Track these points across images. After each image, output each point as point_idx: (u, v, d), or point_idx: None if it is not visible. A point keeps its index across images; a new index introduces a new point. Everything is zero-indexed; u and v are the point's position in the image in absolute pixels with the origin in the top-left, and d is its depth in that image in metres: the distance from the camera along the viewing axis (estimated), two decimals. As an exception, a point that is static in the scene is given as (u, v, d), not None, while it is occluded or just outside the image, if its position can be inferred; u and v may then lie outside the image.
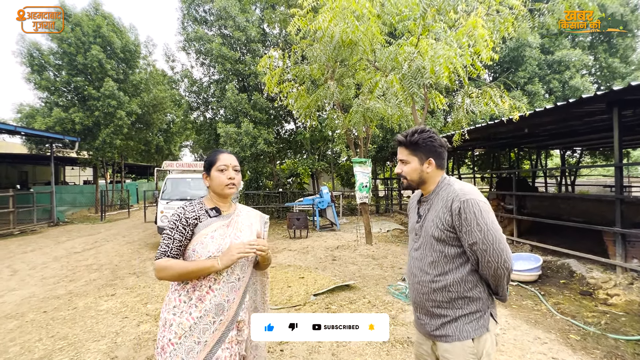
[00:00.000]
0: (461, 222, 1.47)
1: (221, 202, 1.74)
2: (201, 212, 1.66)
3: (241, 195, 15.62)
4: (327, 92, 6.23)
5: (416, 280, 1.65)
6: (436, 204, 1.60)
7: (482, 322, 1.52)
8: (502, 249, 1.43)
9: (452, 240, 1.53)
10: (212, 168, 1.69)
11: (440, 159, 1.66)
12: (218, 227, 1.65)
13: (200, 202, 1.71)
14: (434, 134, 1.64)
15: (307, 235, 10.32)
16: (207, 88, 15.09)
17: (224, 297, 1.60)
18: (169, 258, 1.56)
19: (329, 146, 15.94)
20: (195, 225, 1.62)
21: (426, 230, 1.61)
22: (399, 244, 8.80)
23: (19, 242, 10.31)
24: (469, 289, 1.52)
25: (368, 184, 8.56)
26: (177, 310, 1.55)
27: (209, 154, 1.76)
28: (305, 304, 4.62)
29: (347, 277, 5.89)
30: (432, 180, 1.67)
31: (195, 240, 1.60)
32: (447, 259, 1.54)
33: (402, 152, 1.69)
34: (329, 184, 17.20)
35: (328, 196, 11.53)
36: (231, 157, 1.74)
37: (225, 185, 1.68)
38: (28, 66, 14.59)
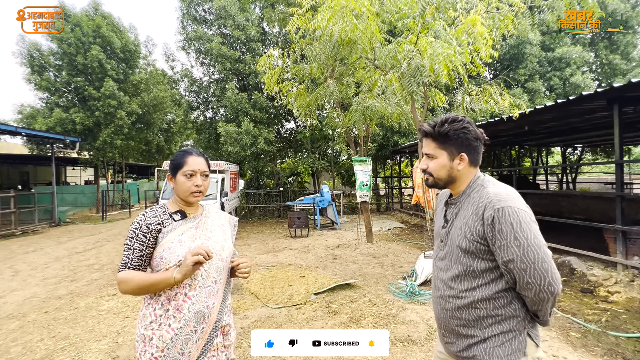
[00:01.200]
0: (494, 235, 1.24)
1: (185, 205, 1.62)
2: (164, 217, 1.54)
3: (242, 194, 15.64)
4: (327, 90, 6.23)
5: (439, 294, 1.46)
6: (466, 208, 1.37)
7: (516, 344, 1.28)
8: (547, 269, 1.19)
9: (482, 253, 1.30)
10: (179, 172, 1.55)
11: (475, 154, 1.41)
12: (186, 230, 1.54)
13: (162, 207, 1.59)
14: (468, 123, 1.39)
15: (307, 234, 10.33)
16: (207, 87, 15.09)
17: (202, 303, 1.50)
18: (130, 270, 1.45)
19: (329, 145, 15.95)
20: (159, 231, 1.50)
21: (452, 238, 1.39)
22: (400, 243, 8.80)
23: (21, 242, 10.34)
24: (501, 306, 1.30)
25: (368, 182, 8.56)
26: (154, 325, 1.45)
27: (176, 154, 1.61)
28: (306, 303, 4.63)
29: (348, 275, 5.89)
30: (463, 179, 1.43)
31: (162, 246, 1.48)
32: (475, 274, 1.32)
33: (428, 144, 1.45)
34: (329, 183, 17.21)
35: (329, 195, 11.54)
36: (200, 160, 1.60)
37: (191, 193, 1.56)
38: (28, 67, 14.61)
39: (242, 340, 3.62)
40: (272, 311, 4.39)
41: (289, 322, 4.04)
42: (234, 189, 12.46)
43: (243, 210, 15.23)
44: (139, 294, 1.46)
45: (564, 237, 6.74)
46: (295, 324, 3.98)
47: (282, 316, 4.22)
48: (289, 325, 3.94)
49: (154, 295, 1.49)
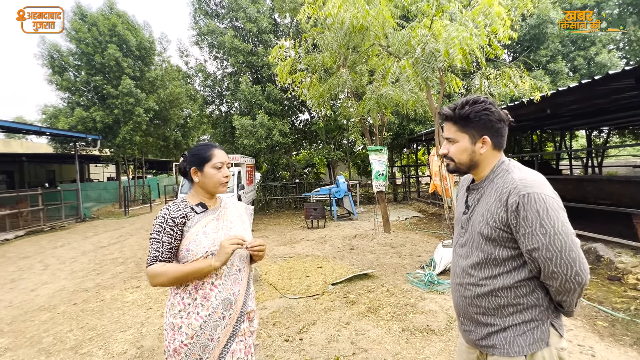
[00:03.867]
0: (519, 222, 1.19)
1: (208, 197, 1.67)
2: (187, 210, 1.58)
3: (259, 187, 15.77)
4: (340, 80, 6.14)
5: (458, 281, 1.42)
6: (488, 194, 1.31)
7: (538, 334, 1.24)
8: (574, 258, 1.14)
9: (505, 240, 1.25)
10: (206, 164, 1.61)
11: (499, 137, 1.35)
12: (208, 222, 1.60)
13: (183, 200, 1.64)
14: (491, 104, 1.33)
15: (324, 225, 10.35)
16: (221, 81, 15.17)
17: (229, 290, 1.56)
18: (163, 263, 1.50)
19: (344, 135, 15.83)
20: (184, 224, 1.55)
21: (474, 225, 1.35)
22: (418, 232, 8.71)
23: (49, 237, 10.78)
24: (523, 295, 1.26)
25: (384, 172, 8.46)
26: (183, 314, 1.51)
27: (199, 148, 1.66)
28: (324, 293, 4.65)
29: (365, 266, 5.88)
30: (487, 163, 1.37)
31: (187, 239, 1.54)
32: (496, 262, 1.28)
33: (449, 128, 1.40)
34: (345, 174, 17.13)
35: (344, 185, 11.50)
36: (224, 152, 1.68)
37: (221, 183, 1.63)
38: (49, 68, 15.02)
39: (262, 331, 3.67)
40: (291, 302, 4.43)
41: (307, 313, 4.06)
42: (251, 181, 12.58)
43: (260, 202, 15.38)
44: (173, 284, 1.52)
45: (590, 223, 6.51)
46: (313, 315, 4.00)
47: (300, 307, 4.25)
48: (307, 316, 3.97)
49: (181, 285, 1.54)
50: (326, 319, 3.89)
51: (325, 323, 3.78)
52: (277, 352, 3.26)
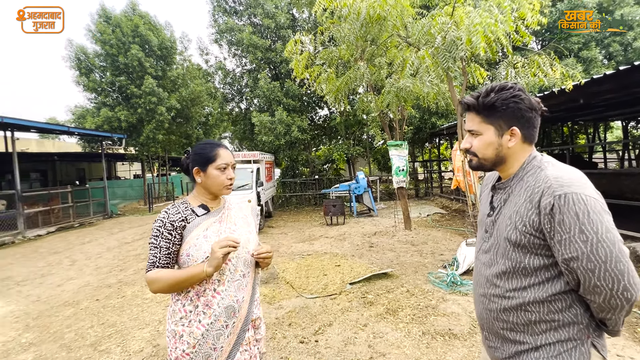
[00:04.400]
0: (554, 227, 1.02)
1: (211, 198, 1.59)
2: (187, 212, 1.50)
3: (278, 183, 15.80)
4: (357, 73, 5.95)
5: (481, 292, 1.26)
6: (517, 194, 1.16)
7: (577, 355, 1.07)
8: (622, 270, 0.98)
9: (536, 247, 1.08)
10: (210, 165, 1.51)
11: (529, 128, 1.18)
12: (209, 225, 1.51)
13: (184, 202, 1.56)
14: (520, 91, 1.16)
15: (344, 221, 10.22)
16: (240, 78, 15.25)
17: (232, 297, 1.48)
18: (159, 269, 1.43)
19: (364, 130, 15.60)
20: (183, 227, 1.47)
21: (500, 228, 1.19)
22: (440, 229, 8.44)
23: (78, 234, 11.18)
24: (559, 310, 1.08)
25: (405, 167, 8.23)
26: (185, 321, 1.44)
27: (203, 147, 1.55)
28: (341, 293, 4.53)
29: (385, 264, 5.72)
30: (515, 158, 1.20)
31: (187, 243, 1.46)
32: (526, 272, 1.11)
33: (472, 119, 1.24)
34: (365, 169, 16.91)
35: (364, 181, 11.31)
36: (229, 152, 1.58)
37: (225, 186, 1.54)
38: (76, 70, 15.53)
39: (277, 331, 3.60)
40: (307, 301, 4.34)
41: (324, 313, 3.96)
42: (270, 178, 12.60)
43: (280, 199, 15.41)
44: (170, 291, 1.45)
45: (627, 220, 6.07)
46: (330, 315, 3.90)
47: (316, 306, 4.16)
48: (323, 317, 3.87)
49: (182, 291, 1.47)
50: (343, 320, 3.78)
51: (342, 324, 3.67)
52: (292, 354, 3.18)
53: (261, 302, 4.45)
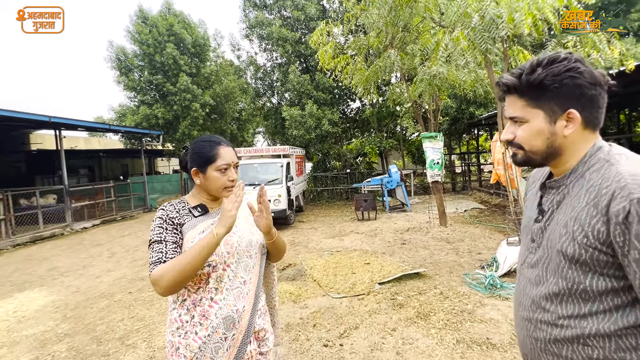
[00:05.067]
0: (629, 240, 0.76)
1: (211, 199, 1.45)
2: (184, 212, 1.38)
3: (309, 177, 15.71)
4: (388, 61, 5.63)
5: (525, 315, 1.01)
6: (576, 195, 0.90)
7: None
8: None
9: (602, 266, 0.83)
10: (210, 166, 1.36)
11: (592, 110, 0.90)
12: (206, 227, 1.36)
13: (182, 201, 1.43)
14: (577, 62, 0.88)
15: (375, 217, 9.93)
16: (270, 73, 15.25)
17: (231, 307, 1.33)
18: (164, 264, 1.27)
19: (396, 122, 15.09)
20: (182, 225, 1.35)
21: (551, 238, 0.93)
22: (478, 226, 7.94)
23: (119, 226, 11.73)
24: (632, 348, 0.82)
25: (440, 160, 7.80)
26: (181, 332, 1.31)
27: (201, 145, 1.40)
28: (370, 293, 4.32)
29: (417, 263, 5.42)
30: (574, 150, 0.93)
31: (187, 244, 1.33)
32: (587, 296, 0.86)
33: (513, 103, 0.97)
34: (398, 162, 16.40)
35: (397, 175, 10.92)
36: (231, 151, 1.41)
37: (225, 188, 1.39)
38: (117, 70, 16.24)
39: (300, 333, 3.46)
40: (333, 301, 4.17)
41: (350, 315, 3.78)
42: (301, 172, 12.52)
43: (311, 193, 15.33)
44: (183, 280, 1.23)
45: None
46: (356, 317, 3.71)
47: (343, 307, 3.98)
48: (349, 319, 3.69)
49: (178, 300, 1.35)
50: (370, 323, 3.57)
51: (369, 328, 3.47)
52: (315, 358, 3.03)
53: (286, 301, 4.36)
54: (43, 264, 7.25)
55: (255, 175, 9.80)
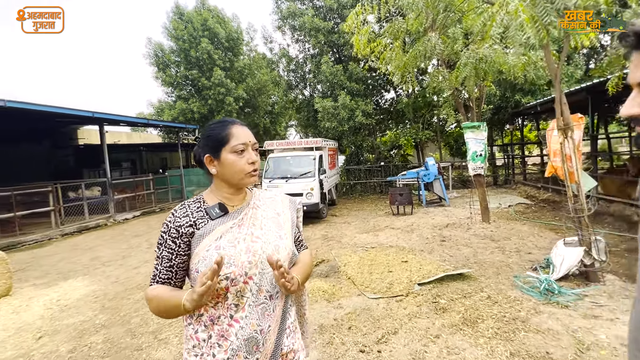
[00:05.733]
0: None
1: (232, 193, 1.24)
2: (198, 215, 1.17)
3: (342, 170, 15.43)
4: (428, 45, 5.20)
5: None
6: None
7: None
8: None
9: None
10: (223, 149, 1.17)
11: None
12: (225, 232, 1.15)
13: (197, 200, 1.23)
14: None
15: (411, 211, 9.52)
16: (303, 64, 15.05)
17: (254, 327, 1.13)
18: (158, 285, 1.13)
19: (434, 113, 14.41)
20: (191, 235, 1.14)
21: None
22: (526, 223, 7.34)
23: (158, 218, 12.11)
24: None
25: (483, 152, 7.26)
26: (197, 351, 1.13)
27: (212, 128, 1.22)
28: (409, 295, 4.03)
29: (460, 262, 5.04)
30: None
31: (197, 256, 1.13)
32: None
33: None
34: (435, 155, 15.71)
35: (435, 168, 10.40)
36: (247, 131, 1.22)
37: (247, 173, 1.19)
38: (155, 66, 16.74)
39: (335, 336, 3.25)
40: (369, 302, 3.93)
41: (388, 318, 3.51)
42: (333, 165, 12.28)
43: (344, 186, 15.07)
44: (165, 317, 1.16)
45: None
46: (395, 321, 3.44)
47: (379, 309, 3.72)
48: (387, 322, 3.43)
49: (194, 313, 1.16)
50: (410, 327, 3.29)
51: (409, 333, 3.20)
52: (351, 365, 2.81)
53: (319, 299, 4.17)
54: (87, 254, 7.56)
55: (288, 168, 9.67)
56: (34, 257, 7.58)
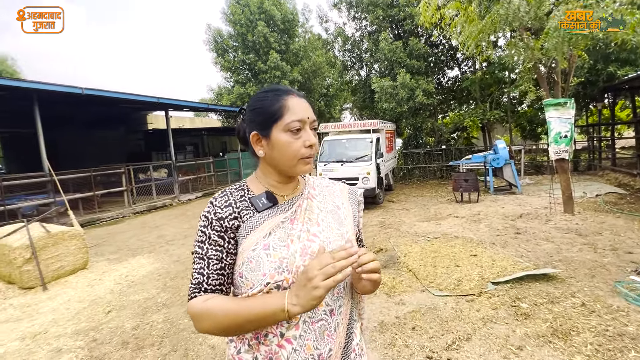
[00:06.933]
0: None
1: (281, 181, 0.98)
2: (242, 205, 0.92)
3: (400, 154, 14.73)
4: (510, 7, 4.46)
5: None
6: None
7: None
8: None
9: None
10: (275, 126, 0.90)
11: None
12: (275, 227, 0.90)
13: (241, 187, 0.97)
14: None
15: (477, 199, 8.72)
16: (359, 43, 14.43)
17: (311, 350, 0.86)
18: (207, 295, 0.87)
19: (504, 91, 13.01)
20: (237, 228, 0.90)
21: None
22: (620, 215, 6.29)
23: (218, 200, 12.56)
24: None
25: (569, 133, 6.29)
26: None
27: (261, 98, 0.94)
28: (481, 294, 3.56)
29: (541, 260, 4.39)
30: None
31: (241, 256, 0.89)
32: None
33: None
34: (505, 137, 14.32)
35: (505, 151, 9.39)
36: (305, 103, 0.94)
37: (301, 158, 0.91)
38: (214, 52, 17.17)
39: (397, 336, 2.94)
40: (435, 300, 3.54)
41: (458, 320, 3.11)
42: (390, 148, 11.70)
43: (401, 171, 14.41)
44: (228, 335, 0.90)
45: None
46: (466, 324, 3.03)
47: (447, 309, 3.32)
48: (457, 325, 3.03)
49: None
50: (486, 334, 2.87)
51: (485, 341, 2.78)
52: (417, 373, 2.49)
53: (379, 292, 3.86)
54: (154, 232, 8.01)
55: (343, 152, 9.33)
56: (109, 233, 8.22)
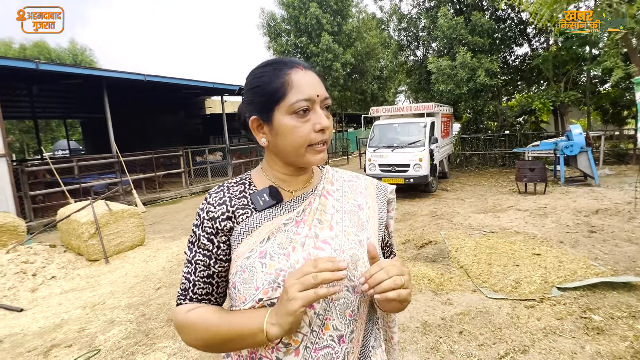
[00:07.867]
0: None
1: (290, 174, 0.79)
2: (239, 203, 0.76)
3: (457, 139, 13.79)
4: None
5: None
6: None
7: None
8: None
9: None
10: (277, 107, 0.71)
11: None
12: (275, 230, 0.73)
13: (242, 181, 0.81)
14: None
15: (544, 190, 7.86)
16: (416, 20, 13.54)
17: None
18: (192, 304, 0.75)
19: (582, 69, 11.46)
20: (230, 231, 0.74)
21: None
22: None
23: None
24: None
25: (665, 116, 5.33)
26: None
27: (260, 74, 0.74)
28: (544, 300, 3.14)
29: (621, 265, 3.79)
30: None
31: (234, 264, 0.73)
32: None
33: None
34: (581, 122, 12.74)
35: (581, 138, 8.29)
36: (313, 76, 0.74)
37: (310, 145, 0.72)
38: (267, 35, 17.31)
39: (442, 340, 2.69)
40: (488, 302, 3.19)
41: (514, 328, 2.76)
42: (447, 134, 10.97)
43: (458, 157, 13.54)
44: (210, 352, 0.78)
45: None
46: (524, 334, 2.67)
47: (502, 314, 2.97)
48: (513, 334, 2.68)
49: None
50: (547, 348, 2.50)
51: (546, 356, 2.42)
52: (462, 385, 2.24)
53: (424, 289, 3.58)
54: (206, 213, 8.37)
55: (395, 137, 8.91)
56: (167, 212, 8.75)
